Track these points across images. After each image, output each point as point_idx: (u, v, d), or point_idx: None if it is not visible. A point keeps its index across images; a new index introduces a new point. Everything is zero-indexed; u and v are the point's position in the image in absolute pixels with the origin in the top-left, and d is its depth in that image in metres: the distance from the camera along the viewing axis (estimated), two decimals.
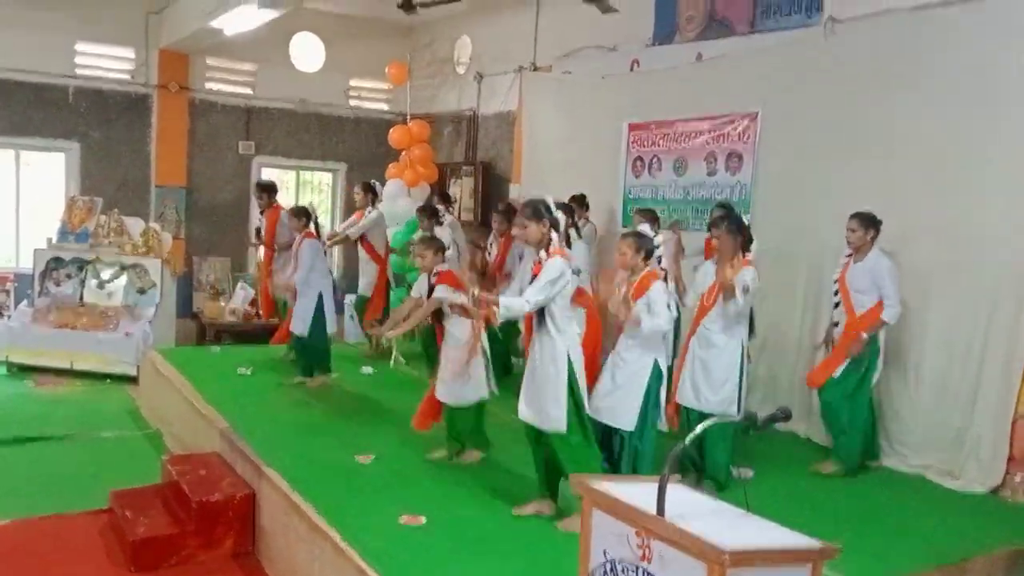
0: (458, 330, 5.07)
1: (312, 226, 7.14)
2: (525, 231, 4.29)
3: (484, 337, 5.06)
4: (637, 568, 2.47)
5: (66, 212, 9.61)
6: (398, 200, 9.34)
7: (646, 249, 4.58)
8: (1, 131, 9.89)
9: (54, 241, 9.45)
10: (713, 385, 4.96)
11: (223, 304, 10.58)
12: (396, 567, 3.70)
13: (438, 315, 5.18)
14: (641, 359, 4.59)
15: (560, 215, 4.37)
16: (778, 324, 6.38)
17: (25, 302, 9.38)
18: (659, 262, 4.67)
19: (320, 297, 6.98)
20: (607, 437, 4.66)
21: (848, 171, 6.03)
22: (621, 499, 2.54)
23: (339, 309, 8.50)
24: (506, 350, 7.15)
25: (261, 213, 8.09)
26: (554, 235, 4.29)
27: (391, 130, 10.05)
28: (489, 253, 7.68)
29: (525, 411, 4.35)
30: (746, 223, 5.11)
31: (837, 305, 5.56)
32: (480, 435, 5.29)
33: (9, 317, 9.31)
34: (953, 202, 5.43)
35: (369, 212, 8.18)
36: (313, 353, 7.11)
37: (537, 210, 4.29)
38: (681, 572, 2.32)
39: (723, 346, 4.97)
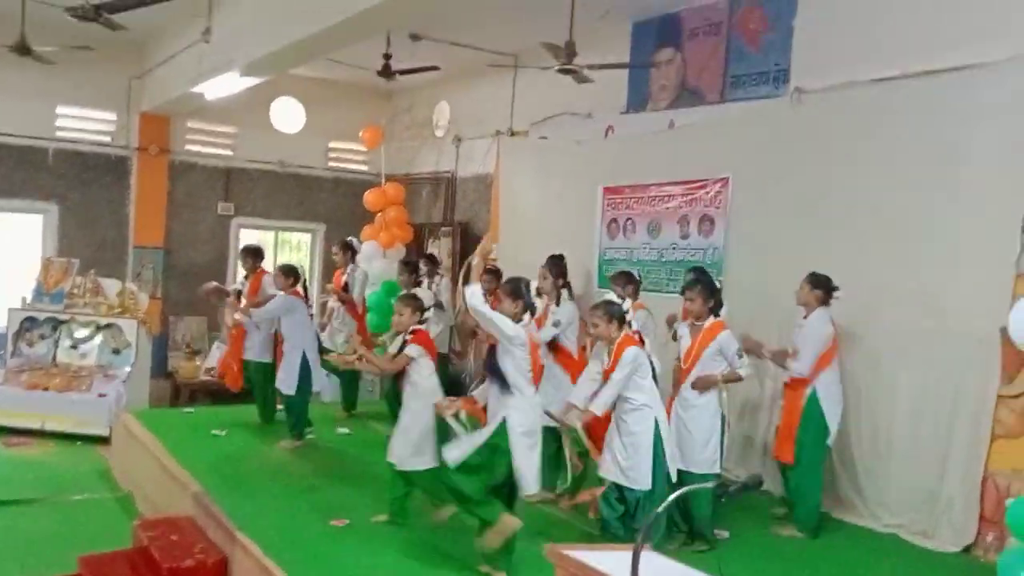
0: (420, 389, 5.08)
1: (300, 287, 7.19)
2: (500, 305, 4.41)
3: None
4: None
5: (42, 273, 9.59)
6: (373, 261, 9.39)
7: (617, 317, 4.67)
8: None
9: (28, 301, 9.41)
10: (696, 446, 5.00)
11: (198, 363, 10.52)
12: None
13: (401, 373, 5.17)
14: (642, 421, 4.67)
15: (535, 287, 4.55)
16: (751, 385, 6.43)
17: None
18: (630, 327, 4.76)
19: (304, 355, 6.99)
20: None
21: (817, 237, 6.17)
22: (596, 569, 2.57)
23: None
24: None
25: (245, 278, 8.11)
26: (526, 317, 4.44)
27: (366, 192, 10.17)
28: None
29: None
30: (718, 286, 5.21)
31: None
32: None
33: None
34: (921, 271, 5.56)
35: (353, 270, 8.23)
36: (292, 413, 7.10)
37: (517, 289, 4.44)
38: None
39: (703, 406, 5.03)
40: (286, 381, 7.02)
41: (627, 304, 4.83)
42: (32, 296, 9.43)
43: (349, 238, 8.60)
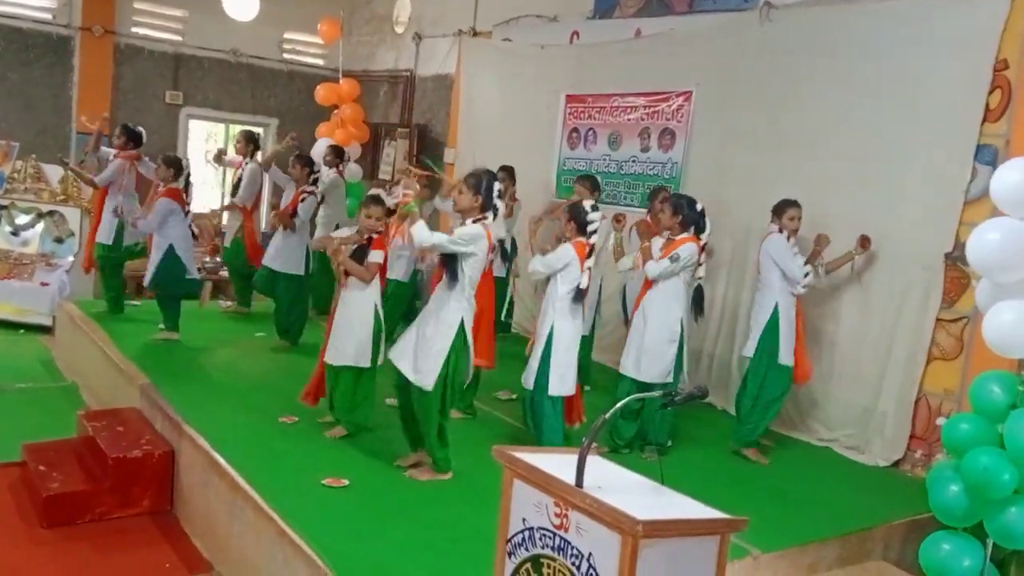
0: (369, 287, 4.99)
1: (182, 182, 6.94)
2: (460, 196, 4.31)
3: (378, 302, 5.03)
4: (554, 536, 2.55)
5: None
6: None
7: (578, 222, 4.67)
8: None
9: None
10: (650, 357, 5.07)
11: (145, 257, 10.28)
12: (317, 529, 3.73)
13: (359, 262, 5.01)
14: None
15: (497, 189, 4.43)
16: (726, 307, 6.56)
17: None
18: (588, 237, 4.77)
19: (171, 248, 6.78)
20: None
21: (774, 156, 6.20)
22: (541, 469, 2.62)
23: None
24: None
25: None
26: (488, 215, 4.35)
27: (318, 86, 9.84)
28: None
29: (399, 359, 4.43)
30: (700, 207, 5.15)
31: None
32: (354, 411, 5.06)
33: None
34: (872, 195, 5.63)
35: (245, 164, 7.93)
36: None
37: (480, 183, 4.32)
38: (597, 541, 2.41)
39: (662, 320, 5.08)
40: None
41: (596, 215, 4.81)
42: None
43: (252, 130, 8.24)
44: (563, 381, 4.79)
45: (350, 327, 4.94)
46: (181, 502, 4.88)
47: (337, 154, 8.17)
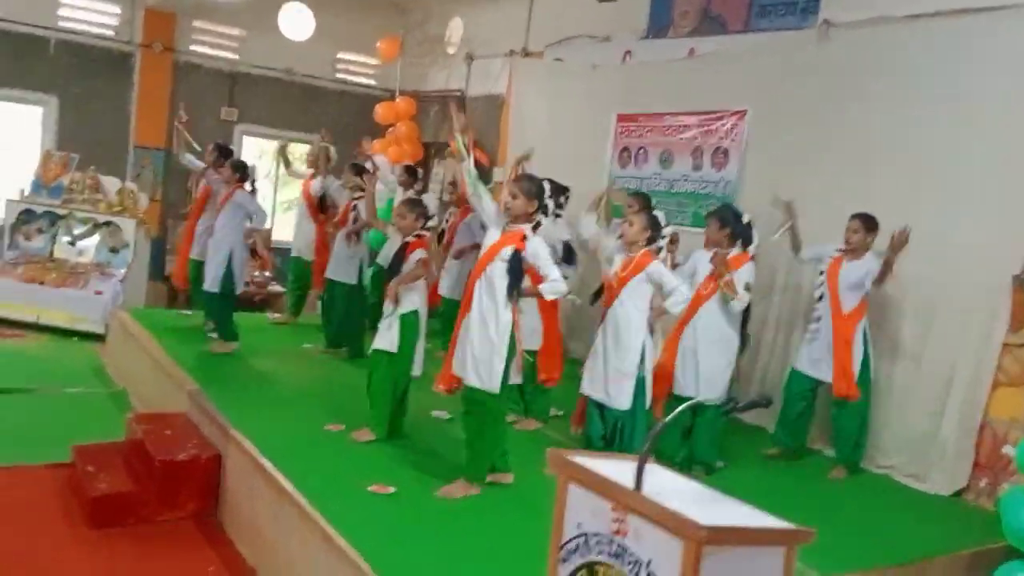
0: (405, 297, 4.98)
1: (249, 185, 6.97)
2: (514, 200, 4.26)
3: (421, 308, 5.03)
4: (611, 542, 2.46)
5: (40, 166, 9.44)
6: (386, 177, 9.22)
7: (652, 232, 4.61)
8: None
9: (26, 193, 9.27)
10: (708, 377, 4.96)
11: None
12: (362, 535, 3.67)
13: (395, 268, 5.02)
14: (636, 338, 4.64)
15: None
16: (753, 321, 6.39)
17: None
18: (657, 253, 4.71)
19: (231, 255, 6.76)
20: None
21: (831, 175, 6.07)
22: (599, 473, 2.53)
23: None
24: None
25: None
26: (543, 219, 4.30)
27: (377, 105, 9.96)
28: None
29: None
30: (746, 219, 5.08)
31: (820, 298, 5.60)
32: (384, 419, 5.05)
33: None
34: (931, 215, 5.44)
35: (325, 177, 7.97)
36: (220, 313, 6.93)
37: (536, 188, 4.28)
38: (656, 547, 2.32)
39: (718, 339, 4.98)
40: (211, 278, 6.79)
41: (668, 230, 4.78)
42: (30, 189, 9.29)
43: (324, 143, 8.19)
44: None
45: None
46: (226, 507, 4.86)
47: (411, 174, 8.15)
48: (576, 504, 2.62)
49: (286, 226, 10.47)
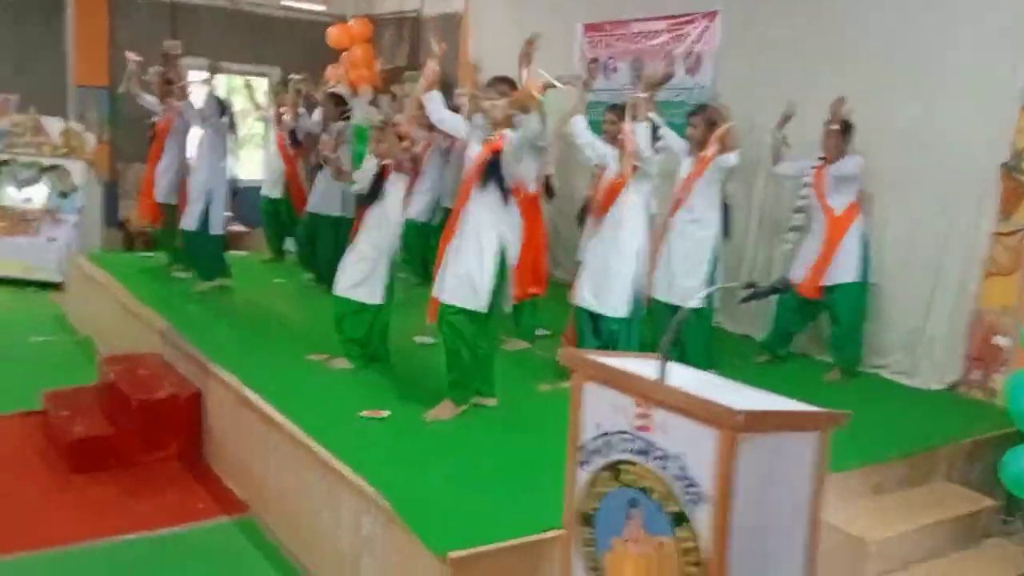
0: (391, 210, 4.81)
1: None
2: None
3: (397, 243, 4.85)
4: (635, 439, 2.34)
5: None
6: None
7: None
8: None
9: None
10: (686, 273, 4.84)
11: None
12: (360, 458, 3.53)
13: (374, 193, 4.83)
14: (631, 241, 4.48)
15: None
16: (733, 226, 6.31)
17: None
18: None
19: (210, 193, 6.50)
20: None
21: (808, 71, 5.88)
22: (620, 368, 2.40)
23: None
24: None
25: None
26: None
27: (329, 28, 9.52)
28: None
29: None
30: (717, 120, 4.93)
31: (799, 211, 5.50)
32: (367, 343, 4.88)
33: None
34: (913, 108, 5.33)
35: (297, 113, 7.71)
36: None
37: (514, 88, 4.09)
38: (687, 440, 2.20)
39: (695, 235, 4.86)
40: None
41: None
42: None
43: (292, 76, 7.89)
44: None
45: (362, 260, 4.78)
46: (211, 445, 4.70)
47: (337, 102, 7.75)
48: (594, 403, 2.49)
49: (251, 164, 10.11)
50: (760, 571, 2.22)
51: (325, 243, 6.83)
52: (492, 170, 4.06)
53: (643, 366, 2.45)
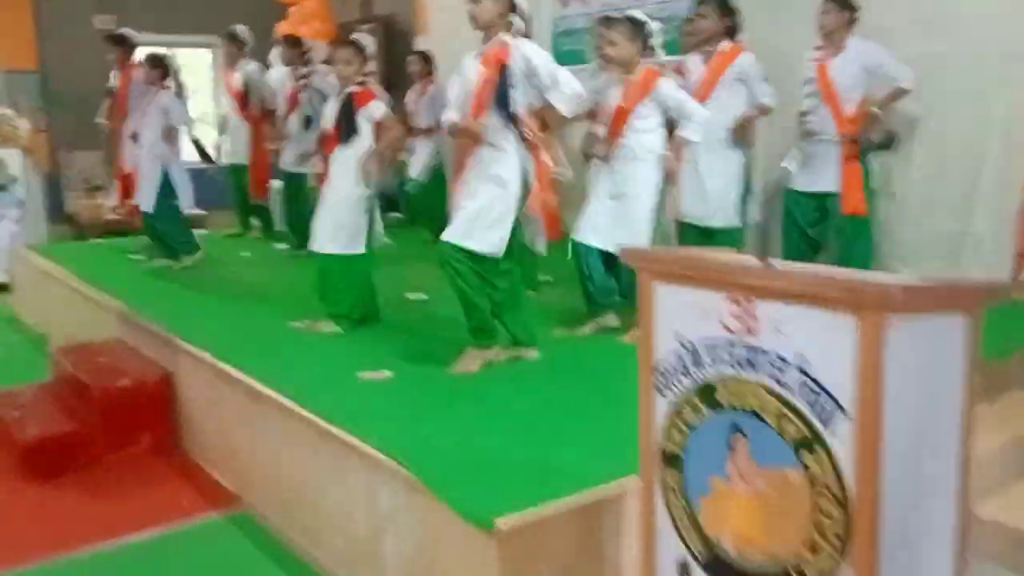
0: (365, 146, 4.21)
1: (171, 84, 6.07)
2: (477, 6, 3.47)
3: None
4: (733, 345, 1.81)
5: None
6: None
7: (642, 37, 3.83)
8: None
9: None
10: (712, 194, 4.32)
11: (101, 202, 9.33)
12: (366, 423, 2.97)
13: (344, 128, 4.21)
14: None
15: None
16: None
17: None
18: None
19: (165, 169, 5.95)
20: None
21: None
22: (703, 257, 1.87)
23: None
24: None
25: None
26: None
27: None
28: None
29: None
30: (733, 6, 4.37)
31: (806, 113, 4.98)
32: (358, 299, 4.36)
33: None
34: None
35: (246, 65, 7.07)
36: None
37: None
38: (809, 336, 1.66)
39: (724, 146, 4.33)
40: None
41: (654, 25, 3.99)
42: None
43: (235, 27, 7.26)
44: None
45: (336, 208, 4.22)
46: (189, 432, 4.11)
47: (293, 44, 7.08)
48: (670, 307, 1.94)
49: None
50: (916, 502, 1.70)
51: (300, 203, 6.22)
52: (502, 85, 3.47)
53: (727, 257, 1.92)
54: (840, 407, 1.63)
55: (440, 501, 2.47)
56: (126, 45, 6.66)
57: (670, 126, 3.95)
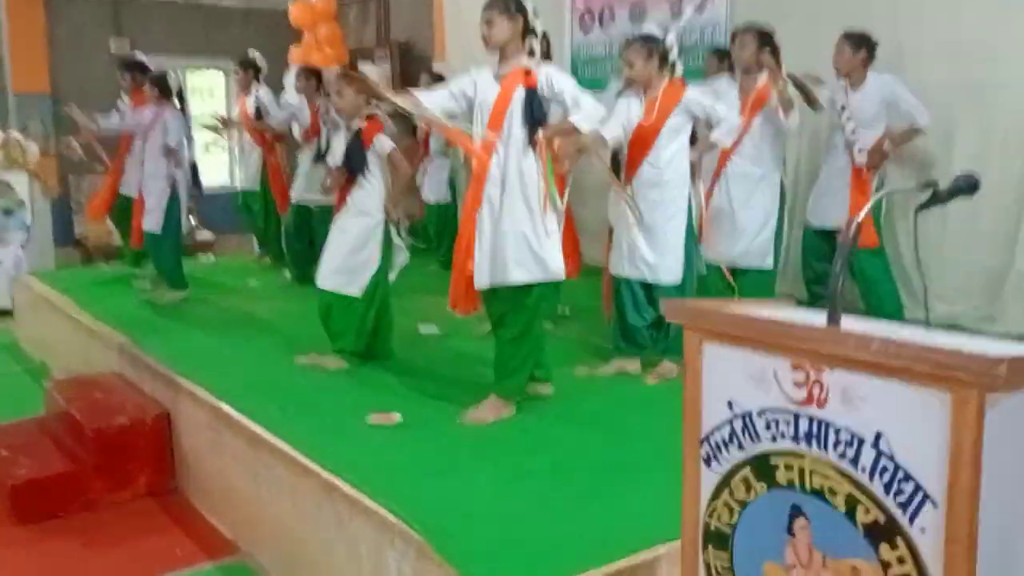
0: (368, 199, 4.06)
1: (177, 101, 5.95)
2: (491, 29, 3.28)
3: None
4: (798, 417, 1.58)
5: None
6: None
7: (660, 53, 3.64)
8: None
9: None
10: (744, 231, 4.10)
11: (111, 226, 9.16)
12: (375, 475, 2.75)
13: (354, 162, 4.05)
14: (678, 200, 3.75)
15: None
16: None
17: None
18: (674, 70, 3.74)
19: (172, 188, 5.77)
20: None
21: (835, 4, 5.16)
22: (762, 317, 1.64)
23: None
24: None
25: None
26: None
27: (291, 6, 8.70)
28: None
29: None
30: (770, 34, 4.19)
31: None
32: (357, 338, 4.14)
33: None
34: (966, 17, 4.64)
35: (258, 90, 6.93)
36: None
37: (516, 3, 3.29)
38: (888, 412, 1.44)
39: (758, 180, 4.11)
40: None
41: (670, 37, 3.79)
42: None
43: (251, 52, 7.16)
44: None
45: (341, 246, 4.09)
46: (187, 475, 3.89)
47: (309, 76, 6.99)
48: (722, 371, 1.72)
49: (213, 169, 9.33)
50: None
51: (311, 235, 6.03)
52: (529, 108, 3.26)
53: (785, 313, 1.70)
54: (926, 494, 1.40)
55: (449, 568, 2.24)
56: (139, 70, 6.52)
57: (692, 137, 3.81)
